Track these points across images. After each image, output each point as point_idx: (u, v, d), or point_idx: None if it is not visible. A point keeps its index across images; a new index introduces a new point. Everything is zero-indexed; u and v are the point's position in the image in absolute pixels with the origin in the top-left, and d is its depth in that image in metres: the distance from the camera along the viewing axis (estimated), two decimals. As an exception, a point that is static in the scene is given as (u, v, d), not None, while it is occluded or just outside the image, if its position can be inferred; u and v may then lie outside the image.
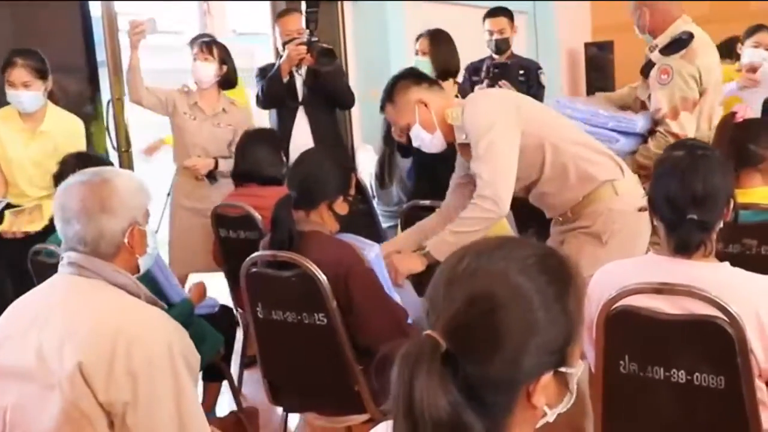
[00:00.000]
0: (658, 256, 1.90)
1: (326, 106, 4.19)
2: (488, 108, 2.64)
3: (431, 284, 1.03)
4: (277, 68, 3.99)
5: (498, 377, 0.96)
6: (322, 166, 2.49)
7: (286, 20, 4.18)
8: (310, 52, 3.91)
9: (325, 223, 2.45)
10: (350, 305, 2.34)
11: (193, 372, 1.73)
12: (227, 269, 3.39)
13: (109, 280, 1.74)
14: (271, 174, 3.32)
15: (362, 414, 2.48)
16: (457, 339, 0.95)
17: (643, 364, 1.83)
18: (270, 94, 4.06)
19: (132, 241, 1.79)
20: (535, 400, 0.99)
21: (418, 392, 0.92)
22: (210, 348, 2.94)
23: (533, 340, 0.97)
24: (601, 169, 2.64)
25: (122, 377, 1.58)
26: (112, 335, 1.59)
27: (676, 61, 3.08)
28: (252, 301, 2.50)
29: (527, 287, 0.98)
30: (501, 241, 1.05)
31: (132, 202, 1.79)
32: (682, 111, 3.05)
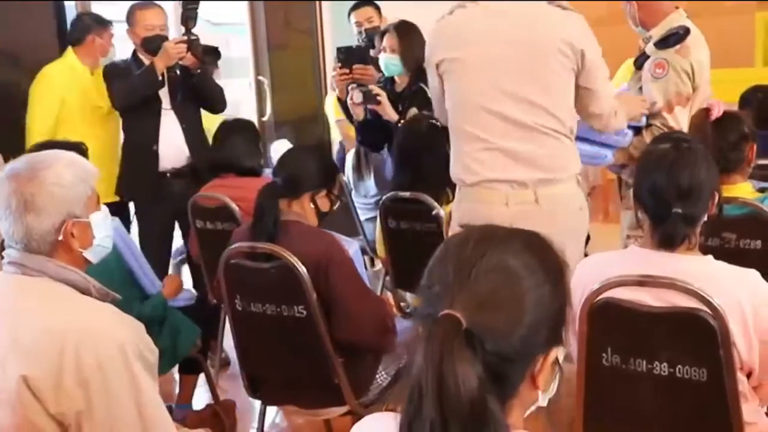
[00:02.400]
0: (641, 249, 1.90)
1: (196, 109, 3.86)
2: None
3: (434, 266, 1.04)
4: (151, 66, 3.60)
5: (515, 352, 0.98)
6: (310, 157, 2.52)
7: (146, 13, 3.74)
8: (191, 50, 3.61)
9: (306, 215, 2.45)
10: (331, 296, 2.32)
11: (152, 368, 1.66)
12: (204, 260, 3.35)
13: (55, 278, 1.66)
14: (249, 165, 3.29)
15: (341, 407, 2.48)
16: (476, 318, 0.96)
17: (626, 356, 1.84)
18: (141, 93, 3.63)
19: (68, 237, 1.68)
20: (539, 380, 1.02)
21: (449, 373, 0.91)
22: (186, 340, 2.91)
23: (544, 314, 1.01)
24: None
25: (73, 387, 1.52)
26: (58, 344, 1.53)
27: (671, 55, 3.05)
28: (230, 292, 2.47)
29: (535, 263, 1.03)
30: (493, 229, 1.09)
31: (65, 196, 1.67)
32: (676, 106, 3.03)
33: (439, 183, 3.15)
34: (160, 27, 3.68)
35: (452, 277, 1.01)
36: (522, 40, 2.38)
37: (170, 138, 3.69)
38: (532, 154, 2.41)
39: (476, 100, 2.44)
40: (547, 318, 1.02)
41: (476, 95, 2.43)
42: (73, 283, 1.68)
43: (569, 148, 2.49)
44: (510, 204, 2.41)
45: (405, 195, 3.16)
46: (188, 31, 3.61)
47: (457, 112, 2.52)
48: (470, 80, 2.45)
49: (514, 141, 2.41)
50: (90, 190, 1.73)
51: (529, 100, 2.39)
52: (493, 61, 2.39)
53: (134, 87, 3.63)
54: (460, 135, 2.52)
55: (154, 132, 3.67)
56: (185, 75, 3.68)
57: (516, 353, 0.98)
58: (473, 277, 0.99)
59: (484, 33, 2.42)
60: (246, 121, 3.60)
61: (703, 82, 3.09)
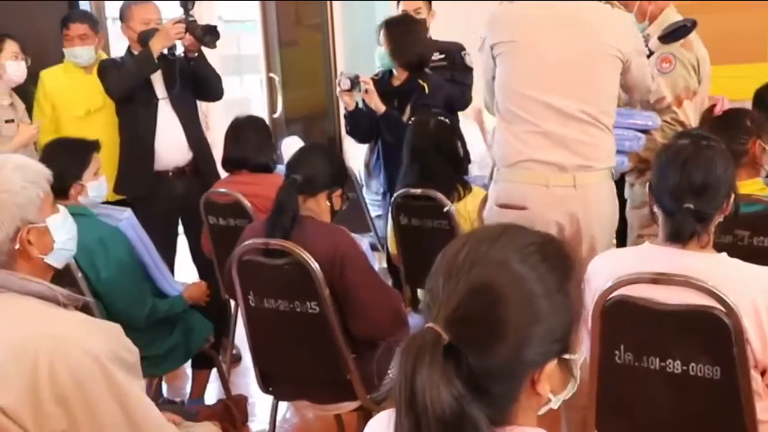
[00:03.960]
0: (654, 246, 1.90)
1: (192, 99, 3.74)
2: None
3: (431, 275, 1.02)
4: (147, 49, 3.45)
5: (501, 367, 0.95)
6: (327, 156, 2.57)
7: (141, 8, 3.63)
8: (190, 31, 3.47)
9: (321, 212, 2.48)
10: (345, 291, 2.34)
11: (132, 368, 1.61)
12: (217, 257, 3.36)
13: (19, 291, 1.59)
14: (262, 161, 3.30)
15: (353, 402, 2.49)
16: (458, 331, 0.94)
17: (639, 354, 1.84)
18: (139, 77, 3.50)
19: (25, 245, 1.61)
20: (540, 388, 0.99)
21: (419, 386, 0.91)
22: (199, 336, 2.93)
23: (536, 329, 0.97)
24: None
25: (52, 407, 1.47)
26: (29, 364, 1.47)
27: (677, 49, 3.05)
28: (244, 288, 2.48)
29: (528, 276, 0.98)
30: (501, 229, 1.04)
31: (14, 203, 1.59)
32: (685, 100, 3.04)
33: (449, 180, 3.16)
34: (156, 21, 3.62)
35: (440, 289, 0.99)
36: (573, 34, 2.51)
37: (170, 134, 3.60)
38: (575, 141, 2.52)
39: (524, 84, 2.55)
40: (550, 332, 0.98)
41: (525, 80, 2.55)
42: (38, 294, 1.61)
43: (608, 141, 2.61)
44: (550, 186, 2.52)
45: (416, 192, 3.17)
46: (187, 12, 3.51)
47: (505, 93, 2.61)
48: (521, 65, 2.57)
49: (558, 126, 2.52)
50: (42, 192, 1.64)
51: (575, 90, 2.51)
52: (544, 50, 2.52)
53: (129, 71, 3.53)
54: (506, 115, 2.62)
55: (151, 126, 3.58)
56: (183, 60, 3.59)
57: (502, 369, 0.95)
58: (459, 289, 0.96)
59: (538, 22, 2.56)
60: (258, 118, 3.61)
61: (704, 77, 3.09)
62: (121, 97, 3.62)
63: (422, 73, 3.67)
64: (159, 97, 3.61)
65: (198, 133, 3.74)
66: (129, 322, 2.59)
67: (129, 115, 3.66)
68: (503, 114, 2.63)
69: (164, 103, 3.61)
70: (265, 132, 3.45)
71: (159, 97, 3.61)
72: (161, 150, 3.61)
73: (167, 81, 3.60)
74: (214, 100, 3.93)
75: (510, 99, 2.60)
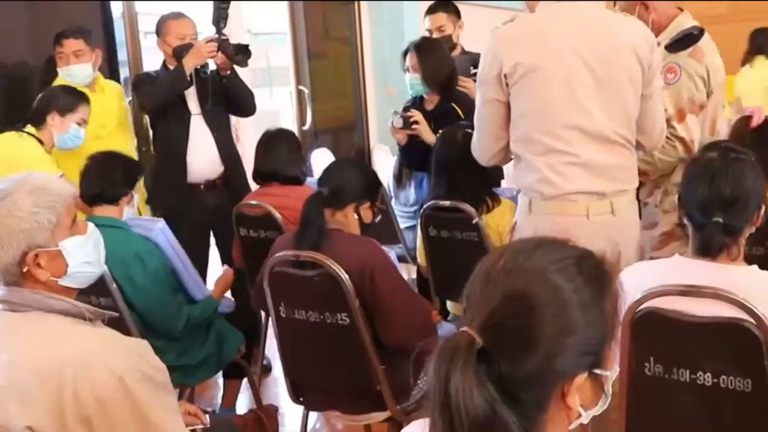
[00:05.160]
0: (684, 259, 1.90)
1: (224, 114, 3.79)
2: None
3: (468, 282, 1.04)
4: (180, 66, 3.52)
5: (532, 376, 0.97)
6: (356, 169, 2.60)
7: (177, 23, 3.68)
8: (222, 50, 3.54)
9: (350, 224, 2.50)
10: (376, 301, 2.36)
11: (161, 386, 1.61)
12: (248, 268, 3.40)
13: (44, 310, 1.60)
14: (292, 173, 3.33)
15: (383, 412, 2.51)
16: (492, 337, 0.97)
17: (669, 366, 1.84)
18: (172, 93, 3.56)
19: (33, 268, 1.60)
20: (570, 401, 1.00)
21: (453, 388, 0.93)
22: (230, 347, 2.97)
23: (568, 341, 0.98)
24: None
25: (76, 425, 1.50)
26: (55, 384, 1.49)
27: (683, 59, 2.87)
28: (275, 300, 2.52)
29: (564, 287, 1.00)
30: (539, 241, 1.07)
31: (18, 228, 1.57)
32: (688, 114, 2.85)
33: (477, 192, 3.17)
34: (191, 36, 3.67)
35: (477, 291, 1.01)
36: (597, 51, 2.36)
37: (202, 148, 3.66)
38: (612, 167, 2.42)
39: (557, 112, 2.38)
40: (581, 343, 0.99)
41: (557, 107, 2.38)
42: (64, 312, 1.62)
43: (635, 160, 2.53)
44: (591, 215, 2.41)
45: (445, 204, 3.18)
46: (219, 31, 3.58)
47: (534, 123, 2.42)
48: (548, 90, 2.38)
49: (595, 153, 2.39)
50: (56, 217, 1.62)
51: (608, 112, 2.38)
52: (570, 71, 2.36)
53: (162, 87, 3.59)
54: (535, 146, 2.43)
55: (184, 140, 3.64)
56: (215, 77, 3.66)
57: (532, 376, 0.97)
58: (495, 296, 0.99)
59: (559, 41, 2.36)
60: (287, 130, 3.65)
61: (716, 88, 2.91)
62: (153, 111, 3.71)
63: (452, 92, 3.70)
64: (192, 113, 3.67)
65: (230, 147, 3.80)
66: (166, 333, 2.66)
67: (163, 130, 3.75)
68: (531, 144, 2.44)
69: (197, 118, 3.68)
70: (295, 144, 3.49)
71: (192, 113, 3.67)
72: (193, 163, 3.67)
73: (201, 97, 3.67)
74: (247, 115, 3.97)
75: (541, 130, 2.41)
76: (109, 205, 2.73)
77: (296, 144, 3.50)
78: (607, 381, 1.05)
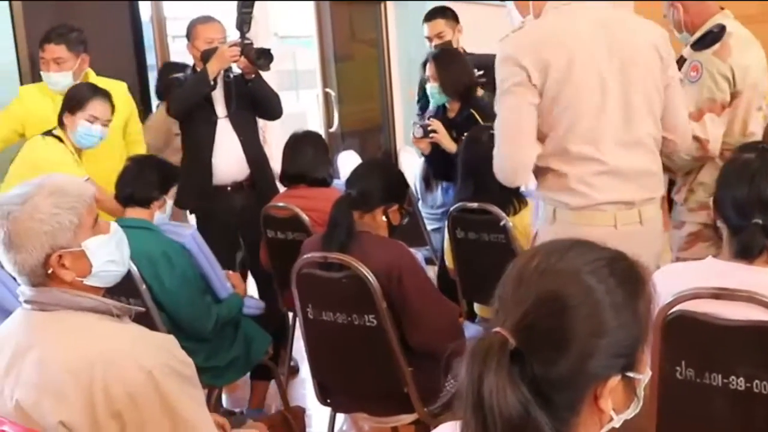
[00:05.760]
0: (719, 261, 1.87)
1: (251, 117, 3.81)
2: None
3: (501, 282, 1.04)
4: (204, 70, 3.57)
5: (565, 377, 0.97)
6: (384, 172, 2.61)
7: (206, 27, 3.68)
8: (244, 54, 3.57)
9: (378, 226, 2.51)
10: (403, 303, 2.36)
11: (189, 380, 1.62)
12: (275, 270, 3.42)
13: (72, 308, 1.62)
14: (320, 175, 3.35)
15: (411, 414, 2.51)
16: (525, 338, 0.96)
17: (701, 370, 1.81)
18: (195, 96, 3.59)
19: (57, 269, 1.61)
20: (602, 404, 1.00)
21: (487, 389, 0.93)
22: (258, 348, 2.99)
23: (601, 342, 0.98)
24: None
25: (107, 420, 1.52)
26: (85, 381, 1.51)
27: (706, 57, 2.83)
28: (302, 301, 2.53)
29: (596, 289, 1.00)
30: (571, 243, 1.07)
31: (41, 231, 1.58)
32: (707, 112, 2.80)
33: (504, 194, 3.15)
34: (219, 40, 3.68)
35: (510, 292, 1.01)
36: (621, 52, 2.29)
37: (229, 151, 3.68)
38: (641, 173, 2.33)
39: (583, 116, 2.28)
40: (614, 345, 0.99)
41: (584, 111, 2.28)
42: (92, 309, 1.64)
43: (660, 166, 2.45)
44: (618, 226, 2.32)
45: (473, 206, 3.17)
46: (243, 35, 3.60)
47: (564, 131, 2.30)
48: (578, 95, 2.27)
49: (625, 159, 2.31)
50: (77, 217, 1.62)
51: (639, 113, 2.32)
52: (598, 74, 2.27)
53: (187, 91, 3.64)
54: (563, 157, 2.32)
55: (210, 143, 3.67)
56: (240, 81, 3.69)
57: (564, 378, 0.97)
58: (528, 297, 0.99)
59: (584, 44, 2.28)
60: (314, 132, 3.67)
61: (747, 88, 2.84)
62: (179, 115, 3.75)
63: (472, 99, 3.70)
64: (219, 116, 3.70)
65: (257, 150, 3.82)
66: (195, 334, 2.68)
67: (190, 133, 3.78)
68: (559, 156, 2.32)
69: (224, 121, 3.70)
70: (322, 146, 3.50)
71: (219, 116, 3.70)
72: (219, 165, 3.69)
73: (227, 101, 3.70)
74: (273, 118, 3.99)
75: (570, 138, 2.29)
76: (141, 208, 2.75)
77: (323, 146, 3.52)
78: (640, 384, 1.05)
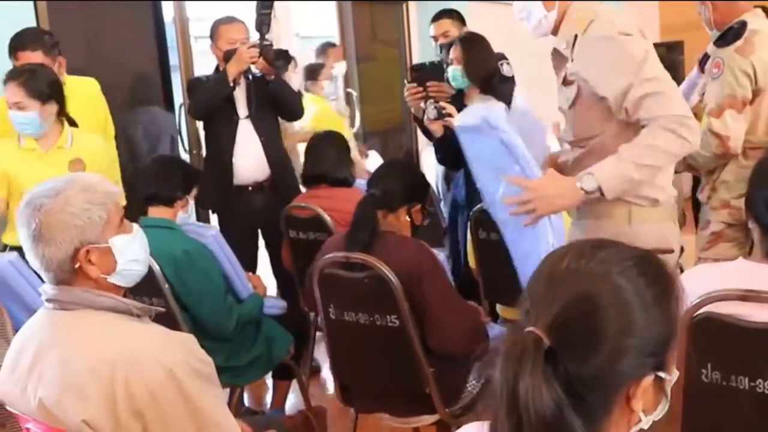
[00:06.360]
0: (748, 262, 1.84)
1: (273, 117, 3.84)
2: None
3: (531, 281, 1.05)
4: (223, 72, 3.61)
5: (598, 377, 0.97)
6: (407, 171, 2.62)
7: (229, 28, 3.72)
8: (263, 55, 3.60)
9: (401, 226, 2.51)
10: (425, 304, 2.36)
11: (208, 378, 1.64)
12: (297, 270, 3.42)
13: (93, 307, 1.64)
14: (341, 176, 3.35)
15: (432, 415, 2.50)
16: (559, 337, 0.97)
17: (727, 373, 1.78)
18: (214, 98, 3.63)
19: (85, 264, 1.63)
20: (634, 404, 1.00)
21: (522, 389, 0.93)
22: (280, 348, 2.99)
23: (632, 342, 0.98)
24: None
25: (129, 419, 1.53)
26: (107, 380, 1.53)
27: (728, 53, 2.83)
28: (324, 301, 2.53)
29: (627, 289, 1.00)
30: (600, 243, 1.07)
31: (72, 224, 1.60)
32: (728, 109, 2.79)
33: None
34: (242, 41, 3.70)
35: (542, 292, 1.02)
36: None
37: (249, 151, 3.71)
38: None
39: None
40: (646, 344, 0.99)
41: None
42: (112, 309, 1.65)
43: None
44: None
45: (495, 206, 3.15)
46: (262, 36, 3.63)
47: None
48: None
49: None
50: (106, 213, 1.64)
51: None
52: None
53: (207, 92, 3.67)
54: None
55: (230, 143, 3.70)
56: (261, 81, 3.71)
57: (601, 378, 0.97)
58: (561, 297, 0.99)
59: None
60: (336, 133, 3.67)
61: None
62: (199, 116, 3.80)
63: (493, 89, 3.66)
64: (240, 117, 3.72)
65: (278, 150, 3.83)
66: (217, 334, 2.69)
67: (211, 133, 3.81)
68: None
69: (246, 121, 3.72)
70: (343, 147, 3.50)
71: (240, 117, 3.72)
72: (239, 166, 3.71)
73: (248, 102, 3.73)
74: (294, 119, 4.01)
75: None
76: (164, 207, 2.77)
77: (344, 146, 3.52)
78: (668, 385, 1.05)
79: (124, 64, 4.15)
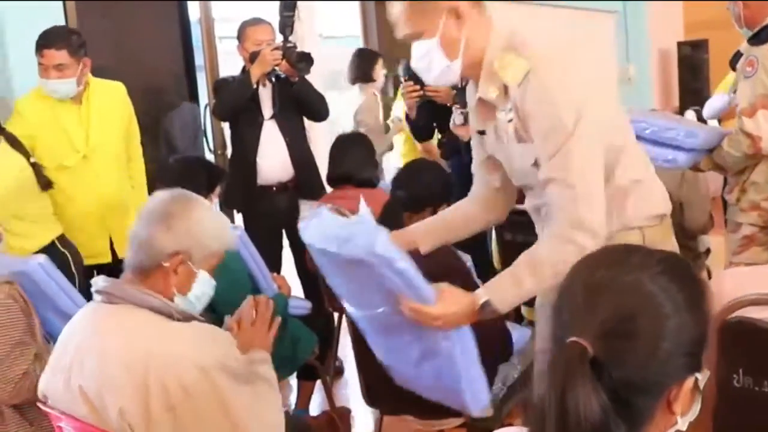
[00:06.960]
0: (784, 267, 1.82)
1: (298, 118, 3.87)
2: (578, 83, 1.81)
3: (564, 292, 1.05)
4: (247, 73, 3.67)
5: (642, 382, 0.98)
6: (431, 173, 2.61)
7: (255, 29, 3.76)
8: (286, 57, 3.64)
9: (428, 228, 2.47)
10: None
11: (241, 375, 1.69)
12: (321, 270, 3.42)
13: (136, 303, 1.70)
14: (366, 176, 3.35)
15: (458, 418, 2.48)
16: (603, 346, 0.97)
17: (759, 379, 1.77)
18: (237, 99, 3.67)
19: (171, 268, 1.73)
20: (675, 407, 1.01)
21: (572, 400, 0.94)
22: (305, 348, 2.99)
23: (673, 346, 1.00)
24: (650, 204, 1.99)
25: (161, 413, 1.57)
26: (141, 373, 1.58)
27: (762, 52, 2.82)
28: (349, 302, 2.51)
29: (662, 295, 1.01)
30: (627, 250, 1.08)
31: (194, 231, 1.74)
32: (761, 108, 2.75)
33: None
34: (268, 42, 3.72)
35: (581, 303, 1.02)
36: None
37: (274, 152, 3.74)
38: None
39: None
40: (683, 346, 1.00)
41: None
42: (155, 308, 1.70)
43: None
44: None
45: (521, 207, 3.13)
46: (286, 39, 3.66)
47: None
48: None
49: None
50: (213, 248, 1.79)
51: None
52: None
53: (231, 93, 3.70)
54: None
55: (255, 144, 3.72)
56: (285, 83, 3.73)
57: (645, 382, 0.98)
58: (602, 304, 1.00)
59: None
60: (361, 134, 3.68)
61: None
62: (223, 116, 3.84)
63: None
64: (265, 117, 3.74)
65: (303, 150, 3.85)
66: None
67: (237, 133, 3.85)
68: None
69: (271, 122, 3.75)
70: (368, 148, 3.50)
71: (265, 117, 3.74)
72: (264, 166, 3.74)
73: (274, 102, 3.75)
74: (319, 120, 4.01)
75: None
76: None
77: (369, 147, 3.52)
78: (701, 384, 1.05)
79: (150, 64, 4.18)
